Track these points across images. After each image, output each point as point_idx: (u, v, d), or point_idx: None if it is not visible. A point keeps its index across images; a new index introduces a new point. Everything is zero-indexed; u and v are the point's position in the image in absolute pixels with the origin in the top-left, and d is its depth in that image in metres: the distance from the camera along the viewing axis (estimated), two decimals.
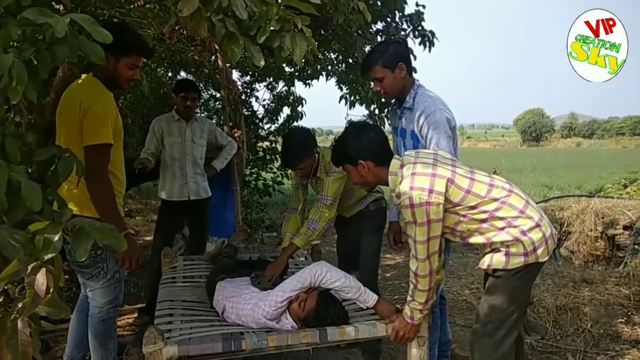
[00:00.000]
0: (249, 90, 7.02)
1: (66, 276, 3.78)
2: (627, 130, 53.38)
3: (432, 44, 4.20)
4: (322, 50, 4.72)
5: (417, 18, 4.12)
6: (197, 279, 2.86)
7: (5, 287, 1.16)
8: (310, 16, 1.83)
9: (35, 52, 1.41)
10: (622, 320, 3.49)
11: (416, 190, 1.79)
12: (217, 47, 3.28)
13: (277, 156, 7.05)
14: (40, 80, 1.47)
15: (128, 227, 2.23)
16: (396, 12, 4.17)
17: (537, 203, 8.73)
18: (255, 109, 7.08)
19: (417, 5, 4.16)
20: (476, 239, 1.90)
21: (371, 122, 2.21)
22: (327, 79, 5.85)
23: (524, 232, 1.82)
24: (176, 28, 3.13)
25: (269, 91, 7.05)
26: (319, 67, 5.77)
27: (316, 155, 2.72)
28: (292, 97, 7.00)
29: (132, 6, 2.42)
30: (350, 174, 2.10)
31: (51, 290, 1.14)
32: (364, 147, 1.98)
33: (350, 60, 4.73)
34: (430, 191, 1.78)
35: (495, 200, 1.84)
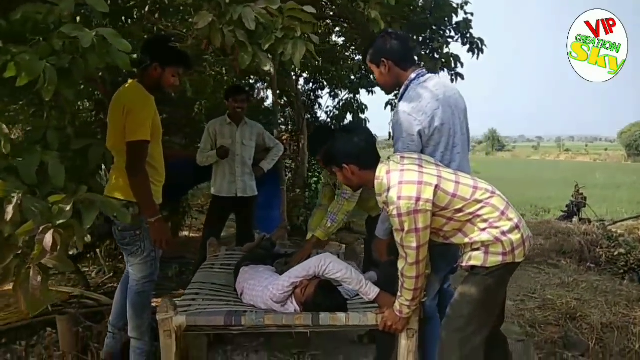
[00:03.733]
0: (313, 97, 7.33)
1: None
2: None
3: (480, 50, 4.19)
4: None
5: (464, 26, 4.14)
6: (233, 267, 3.13)
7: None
8: (312, 24, 2.02)
9: (72, 60, 1.74)
10: None
11: (404, 199, 1.84)
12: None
13: None
14: (75, 82, 1.81)
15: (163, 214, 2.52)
16: (446, 20, 4.21)
17: (623, 221, 8.04)
18: (318, 115, 7.36)
19: (465, 13, 4.18)
20: (459, 239, 1.94)
21: (362, 126, 2.19)
22: None
23: (504, 233, 1.85)
24: None
25: (332, 99, 7.29)
26: None
27: None
28: (355, 105, 7.19)
29: (179, 18, 2.75)
30: (337, 175, 2.18)
31: (58, 247, 1.43)
32: (348, 152, 2.05)
33: None
34: (418, 199, 1.83)
35: (479, 202, 1.89)
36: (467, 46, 4.23)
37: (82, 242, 1.72)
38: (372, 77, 6.44)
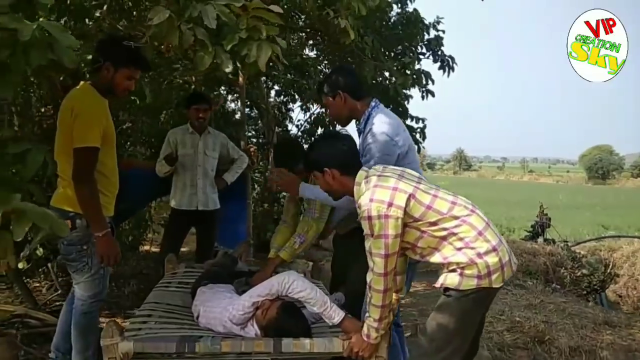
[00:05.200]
0: (285, 110, 7.22)
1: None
2: None
3: (451, 68, 4.19)
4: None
5: (436, 43, 4.13)
6: (191, 286, 2.92)
7: None
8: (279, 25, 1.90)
9: (11, 55, 1.55)
10: None
11: (376, 202, 1.78)
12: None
13: None
14: (12, 80, 1.62)
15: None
16: (417, 37, 4.19)
17: (586, 242, 8.19)
18: (289, 128, 7.24)
19: (437, 30, 4.17)
20: (434, 258, 1.85)
21: (344, 133, 2.26)
22: None
23: (479, 255, 1.77)
24: None
25: (303, 112, 7.19)
26: None
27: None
28: (327, 119, 7.10)
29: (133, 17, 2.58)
30: (318, 181, 2.11)
31: None
32: (331, 156, 2.01)
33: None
34: (390, 204, 1.77)
35: (456, 218, 1.81)
36: (439, 64, 4.22)
37: (13, 258, 1.53)
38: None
